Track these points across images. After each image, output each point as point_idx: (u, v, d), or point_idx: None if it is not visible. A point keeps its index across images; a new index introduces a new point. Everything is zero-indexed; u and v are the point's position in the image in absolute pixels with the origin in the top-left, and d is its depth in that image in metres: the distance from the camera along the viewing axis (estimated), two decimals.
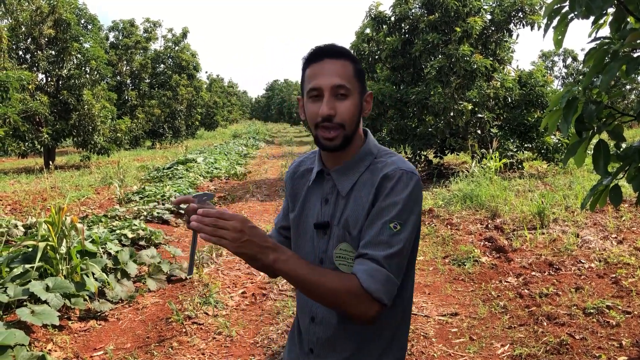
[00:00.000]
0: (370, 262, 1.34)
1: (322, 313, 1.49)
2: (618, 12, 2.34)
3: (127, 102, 28.37)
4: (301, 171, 1.61)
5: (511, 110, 12.96)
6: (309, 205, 1.55)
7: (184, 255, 6.39)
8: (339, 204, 1.47)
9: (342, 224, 1.44)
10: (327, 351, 1.50)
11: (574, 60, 43.40)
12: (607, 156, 2.31)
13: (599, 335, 3.89)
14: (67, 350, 3.99)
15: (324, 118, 1.38)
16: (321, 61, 1.42)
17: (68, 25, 18.55)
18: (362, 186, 1.44)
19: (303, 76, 1.48)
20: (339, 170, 1.48)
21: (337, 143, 1.40)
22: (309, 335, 1.53)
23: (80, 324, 4.48)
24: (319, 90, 1.40)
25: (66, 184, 13.00)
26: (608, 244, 6.05)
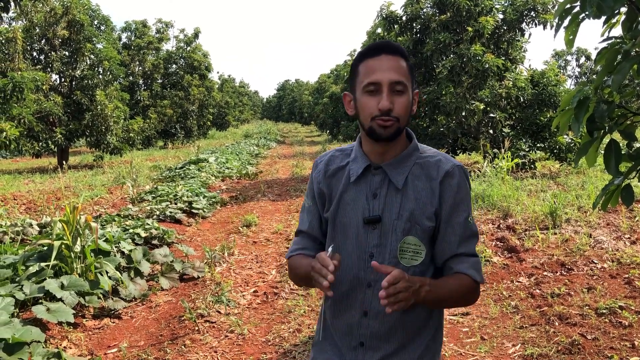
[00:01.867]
0: (468, 257, 1.53)
1: (376, 307, 1.52)
2: (630, 11, 2.34)
3: (139, 102, 28.54)
4: (332, 170, 1.62)
5: (523, 109, 12.90)
6: (347, 201, 1.57)
7: (196, 254, 6.44)
8: (393, 197, 1.52)
9: (407, 217, 1.50)
10: (381, 343, 1.54)
11: (587, 60, 43.07)
12: (619, 156, 2.31)
13: (611, 335, 3.88)
14: (82, 347, 4.05)
15: (384, 112, 1.44)
16: (378, 56, 1.47)
17: (81, 26, 18.71)
18: (416, 179, 1.53)
19: (356, 70, 1.52)
20: (392, 164, 1.54)
21: (392, 131, 1.46)
22: (360, 329, 1.55)
23: (95, 321, 4.54)
24: (378, 84, 1.45)
25: (79, 184, 13.13)
26: (621, 244, 6.01)
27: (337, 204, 1.58)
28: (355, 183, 1.56)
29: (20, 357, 3.34)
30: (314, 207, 1.65)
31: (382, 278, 1.46)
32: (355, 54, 1.37)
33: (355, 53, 23.35)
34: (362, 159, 1.57)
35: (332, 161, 1.64)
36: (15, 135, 12.83)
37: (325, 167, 1.64)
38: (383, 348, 1.54)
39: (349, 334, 1.57)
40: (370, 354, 1.55)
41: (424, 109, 13.15)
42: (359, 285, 1.54)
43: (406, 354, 1.55)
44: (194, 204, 9.29)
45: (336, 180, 1.60)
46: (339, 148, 1.68)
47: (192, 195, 9.92)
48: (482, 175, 10.08)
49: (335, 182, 1.60)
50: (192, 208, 9.14)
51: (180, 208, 8.91)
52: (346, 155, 1.63)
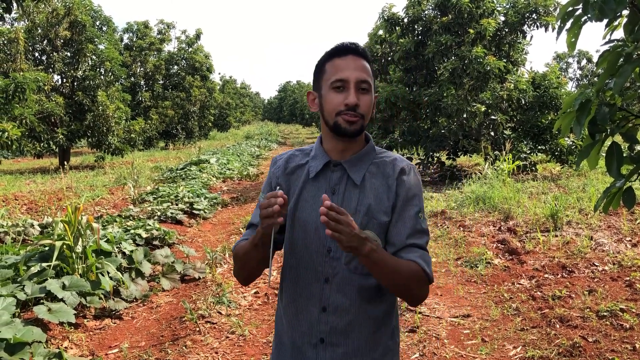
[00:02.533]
0: (419, 249, 1.53)
1: (335, 302, 1.54)
2: (632, 14, 2.34)
3: (141, 103, 28.57)
4: (292, 167, 1.65)
5: (525, 112, 12.90)
6: (306, 198, 1.59)
7: (197, 255, 6.45)
8: (351, 193, 1.56)
9: (364, 212, 1.53)
10: (341, 338, 1.55)
11: (588, 62, 43.07)
12: (620, 158, 2.31)
13: (612, 338, 3.88)
14: (83, 347, 4.05)
15: (350, 107, 1.49)
16: (345, 56, 1.53)
17: (83, 27, 18.75)
18: (373, 177, 1.58)
19: (323, 69, 1.57)
20: (351, 162, 1.58)
21: (357, 128, 1.51)
22: (319, 325, 1.55)
23: (96, 322, 4.55)
24: (345, 81, 1.51)
25: (81, 184, 13.14)
26: (622, 246, 6.01)
27: (296, 200, 1.60)
28: (315, 180, 1.59)
29: (21, 357, 3.34)
30: None
31: (340, 272, 1.53)
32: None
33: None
34: (322, 156, 1.60)
35: (291, 159, 1.67)
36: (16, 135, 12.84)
37: (284, 164, 1.66)
38: (343, 344, 1.55)
39: (309, 331, 1.57)
40: (331, 349, 1.55)
41: (425, 111, 13.16)
42: (317, 281, 1.56)
43: (367, 353, 1.57)
44: (195, 204, 9.30)
45: (295, 177, 1.63)
46: (299, 148, 1.72)
47: (193, 196, 9.93)
48: (483, 178, 10.08)
49: (294, 179, 1.63)
50: (193, 209, 9.14)
51: (182, 209, 8.92)
52: (306, 154, 1.67)
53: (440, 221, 8.03)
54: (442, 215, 8.37)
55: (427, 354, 3.82)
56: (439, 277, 5.54)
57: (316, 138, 1.86)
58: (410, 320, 4.41)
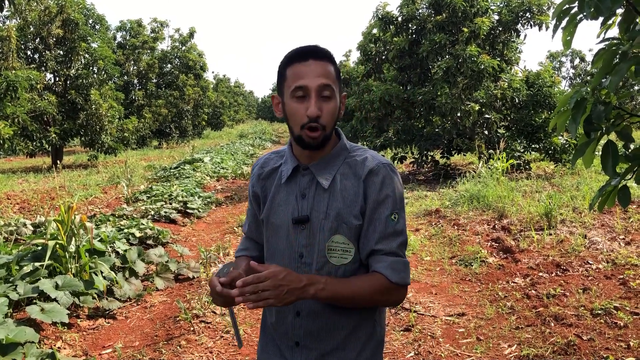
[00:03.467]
0: (387, 256, 1.49)
1: (308, 307, 1.53)
2: (627, 12, 2.34)
3: (134, 101, 28.46)
4: (267, 172, 1.64)
5: (518, 110, 12.93)
6: (278, 202, 1.58)
7: (191, 254, 6.42)
8: (321, 197, 1.53)
9: (334, 217, 1.50)
10: (315, 342, 1.55)
11: (581, 61, 43.23)
12: (616, 157, 2.31)
13: (607, 336, 3.89)
14: (76, 348, 4.02)
15: (312, 119, 1.44)
16: (306, 61, 1.46)
17: (76, 25, 18.66)
18: (344, 178, 1.53)
19: (284, 74, 1.50)
20: (319, 165, 1.54)
21: (319, 141, 1.47)
22: (294, 329, 1.56)
23: (89, 322, 4.52)
24: (306, 89, 1.44)
25: (74, 183, 13.07)
26: (616, 245, 6.03)
27: (270, 205, 1.59)
28: (286, 184, 1.58)
29: (13, 357, 3.31)
30: (251, 210, 1.71)
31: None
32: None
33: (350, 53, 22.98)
34: (292, 160, 1.58)
35: (267, 163, 1.66)
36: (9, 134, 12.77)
37: (259, 169, 1.66)
38: (317, 348, 1.55)
39: (286, 334, 1.59)
40: (306, 352, 1.56)
41: (419, 109, 13.17)
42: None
43: (344, 353, 1.56)
44: (189, 203, 9.27)
45: (270, 181, 1.63)
46: (276, 150, 1.69)
47: (187, 195, 9.89)
48: (477, 176, 10.09)
49: (269, 183, 1.63)
50: (187, 208, 9.11)
51: (175, 208, 8.89)
52: (280, 157, 1.65)
53: (434, 220, 8.04)
54: (436, 213, 8.38)
55: (422, 353, 3.82)
56: (434, 276, 5.54)
57: None
58: (405, 319, 4.41)
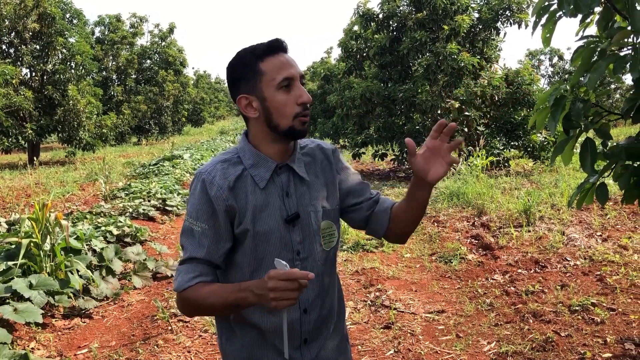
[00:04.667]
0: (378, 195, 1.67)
1: (311, 300, 1.55)
2: (605, 10, 2.35)
3: (112, 97, 28.14)
4: (233, 181, 1.49)
5: (498, 108, 13.02)
6: (260, 209, 1.49)
7: (170, 252, 6.35)
8: (301, 191, 1.54)
9: (319, 206, 1.55)
10: (320, 331, 1.60)
11: (560, 59, 43.72)
12: (594, 154, 2.32)
13: (584, 332, 3.92)
14: (51, 348, 3.94)
15: (306, 106, 1.46)
16: (277, 54, 1.47)
17: (53, 19, 18.35)
18: (309, 167, 1.58)
19: (257, 70, 1.45)
20: (293, 160, 1.55)
21: (307, 126, 1.51)
22: (302, 327, 1.55)
23: (64, 321, 4.43)
24: (291, 79, 1.45)
25: (51, 180, 12.87)
26: (593, 241, 6.09)
27: (251, 214, 1.47)
28: (264, 188, 1.49)
29: None
30: (211, 229, 1.46)
31: (313, 270, 1.51)
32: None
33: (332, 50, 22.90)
34: (267, 162, 1.50)
35: (226, 173, 1.49)
36: None
37: (224, 181, 1.48)
38: (322, 334, 1.61)
39: (291, 335, 1.53)
40: (314, 345, 1.58)
41: (399, 107, 13.19)
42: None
43: (337, 333, 1.66)
44: (168, 201, 9.17)
45: (239, 191, 1.48)
46: (221, 159, 1.54)
47: (166, 192, 9.79)
48: (457, 173, 10.13)
49: (238, 193, 1.48)
50: (166, 205, 9.01)
51: (154, 205, 8.79)
52: (235, 163, 1.52)
53: None
54: None
55: (402, 350, 3.81)
56: (414, 273, 5.54)
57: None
58: (385, 317, 4.40)
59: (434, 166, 1.44)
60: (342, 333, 1.69)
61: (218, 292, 1.42)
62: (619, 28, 2.19)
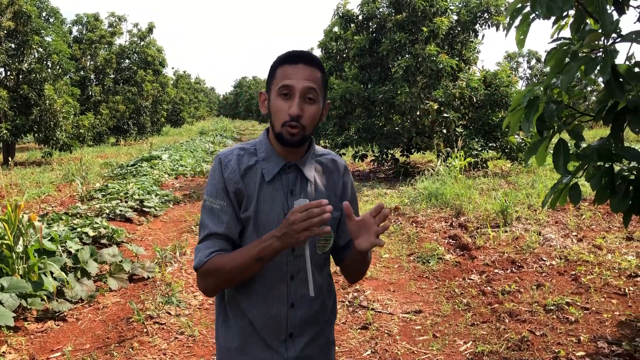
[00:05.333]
0: None
1: (300, 296, 1.61)
2: (578, 13, 2.37)
3: (90, 97, 27.72)
4: (244, 169, 1.61)
5: (476, 110, 13.14)
6: (264, 200, 1.59)
7: (146, 253, 6.28)
8: (306, 192, 1.62)
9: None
10: (307, 327, 1.65)
11: (538, 62, 44.28)
12: (567, 155, 2.34)
13: (559, 331, 3.96)
14: (23, 352, 3.87)
15: (293, 118, 1.51)
16: (296, 64, 1.54)
17: (29, 17, 18.03)
18: (319, 175, 1.67)
19: (273, 73, 1.58)
20: (303, 162, 1.64)
21: (298, 139, 1.54)
22: (288, 321, 1.61)
23: (37, 324, 4.36)
24: (292, 89, 1.52)
25: (26, 181, 12.66)
26: (568, 241, 6.17)
27: (256, 203, 1.59)
28: (270, 182, 1.60)
29: None
30: (229, 207, 1.58)
31: (303, 269, 1.59)
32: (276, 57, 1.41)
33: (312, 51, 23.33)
34: (277, 159, 1.62)
35: (240, 160, 1.62)
36: None
37: (237, 165, 1.61)
38: (308, 332, 1.65)
39: (277, 329, 1.61)
40: (298, 341, 1.63)
41: (379, 108, 13.23)
42: (283, 279, 1.60)
43: (326, 329, 1.72)
44: (145, 202, 9.08)
45: (249, 179, 1.60)
46: (241, 146, 1.68)
47: (144, 193, 9.69)
48: (435, 174, 10.19)
49: (248, 181, 1.60)
50: (144, 206, 8.92)
51: (131, 206, 8.69)
52: (251, 154, 1.64)
53: (393, 217, 8.08)
54: (395, 211, 8.43)
55: (379, 351, 3.82)
56: (392, 273, 5.56)
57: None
58: (362, 317, 4.40)
59: (362, 237, 1.52)
60: (328, 336, 1.74)
61: (238, 253, 1.53)
62: (590, 30, 2.21)
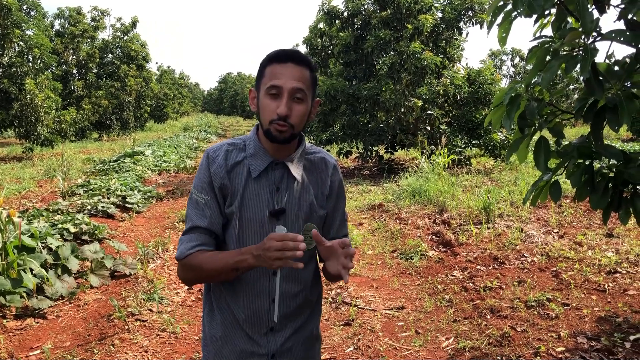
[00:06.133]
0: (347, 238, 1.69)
1: (284, 291, 1.63)
2: (559, 12, 2.39)
3: (73, 92, 27.42)
4: (231, 165, 1.63)
5: (460, 107, 13.20)
6: (249, 196, 1.61)
7: (128, 250, 6.23)
8: (293, 190, 1.64)
9: (307, 207, 1.65)
10: (288, 322, 1.67)
11: (521, 60, 44.63)
12: (548, 153, 2.36)
13: (539, 327, 4.00)
14: (1, 349, 3.82)
15: (281, 117, 1.53)
16: (285, 63, 1.56)
17: (9, 10, 17.75)
18: (308, 173, 1.69)
19: (263, 72, 1.60)
20: (292, 160, 1.65)
21: (286, 136, 1.56)
22: (269, 315, 1.63)
23: (17, 322, 4.30)
24: (280, 89, 1.54)
25: (6, 177, 12.48)
26: (550, 238, 6.23)
27: (240, 199, 1.61)
28: (257, 178, 1.63)
29: None
30: (213, 201, 1.62)
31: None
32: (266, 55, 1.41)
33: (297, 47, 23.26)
34: (264, 156, 1.64)
35: (228, 156, 1.65)
36: None
37: (224, 161, 1.63)
38: (291, 326, 1.67)
39: (258, 322, 1.64)
40: (280, 334, 1.66)
41: (364, 105, 13.25)
42: (265, 275, 1.62)
43: (308, 327, 1.73)
44: (128, 198, 9.00)
45: (235, 175, 1.63)
46: (230, 142, 1.70)
47: (127, 189, 9.60)
48: (419, 171, 10.24)
49: (234, 176, 1.63)
50: (126, 202, 8.85)
51: (114, 202, 8.61)
52: (240, 149, 1.67)
53: (377, 214, 8.10)
54: (379, 208, 8.45)
55: (361, 347, 3.82)
56: (375, 270, 5.57)
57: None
58: (345, 314, 4.41)
59: (331, 261, 1.54)
60: (312, 331, 1.75)
61: (218, 256, 1.56)
62: (571, 29, 2.23)
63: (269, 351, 1.64)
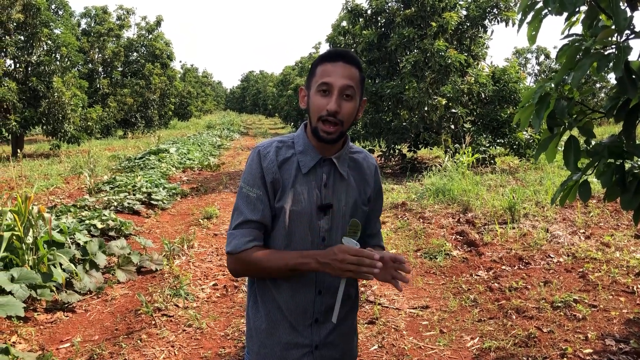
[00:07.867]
0: (379, 232, 1.90)
1: (328, 284, 1.69)
2: (590, 9, 2.36)
3: (98, 90, 27.81)
4: (281, 160, 1.68)
5: (484, 105, 13.08)
6: (299, 191, 1.67)
7: (154, 246, 6.31)
8: (339, 186, 1.71)
9: (352, 203, 1.72)
10: (328, 315, 1.71)
11: (546, 58, 44.01)
12: (578, 152, 2.33)
13: (566, 328, 3.96)
14: (32, 342, 3.91)
15: (330, 113, 1.58)
16: (335, 62, 1.62)
17: (38, 10, 18.08)
18: (352, 171, 1.76)
19: (314, 71, 1.66)
20: (338, 157, 1.71)
21: (334, 137, 1.62)
22: (315, 307, 1.69)
23: (47, 315, 4.39)
24: (330, 86, 1.59)
25: (35, 173, 12.73)
26: (576, 239, 6.15)
27: (290, 193, 1.66)
28: (306, 174, 1.68)
29: None
30: (264, 196, 1.67)
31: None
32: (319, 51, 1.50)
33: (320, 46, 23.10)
34: (314, 153, 1.69)
35: (278, 152, 1.70)
36: None
37: (275, 157, 1.69)
38: (328, 319, 1.71)
39: (304, 313, 1.69)
40: (325, 327, 1.71)
41: (387, 103, 13.21)
42: None
43: (348, 320, 1.78)
44: (153, 195, 9.11)
45: (284, 170, 1.68)
46: (280, 139, 1.75)
47: (152, 186, 9.73)
48: (443, 170, 10.18)
49: (284, 172, 1.68)
50: (152, 199, 8.96)
51: (139, 199, 8.73)
52: (288, 146, 1.72)
53: (400, 213, 8.08)
54: (402, 206, 8.42)
55: (385, 346, 3.83)
56: None
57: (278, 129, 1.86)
58: (369, 312, 4.41)
59: (382, 271, 1.56)
60: (351, 325, 1.82)
61: (276, 255, 1.62)
62: (603, 27, 2.20)
63: (312, 342, 1.69)
